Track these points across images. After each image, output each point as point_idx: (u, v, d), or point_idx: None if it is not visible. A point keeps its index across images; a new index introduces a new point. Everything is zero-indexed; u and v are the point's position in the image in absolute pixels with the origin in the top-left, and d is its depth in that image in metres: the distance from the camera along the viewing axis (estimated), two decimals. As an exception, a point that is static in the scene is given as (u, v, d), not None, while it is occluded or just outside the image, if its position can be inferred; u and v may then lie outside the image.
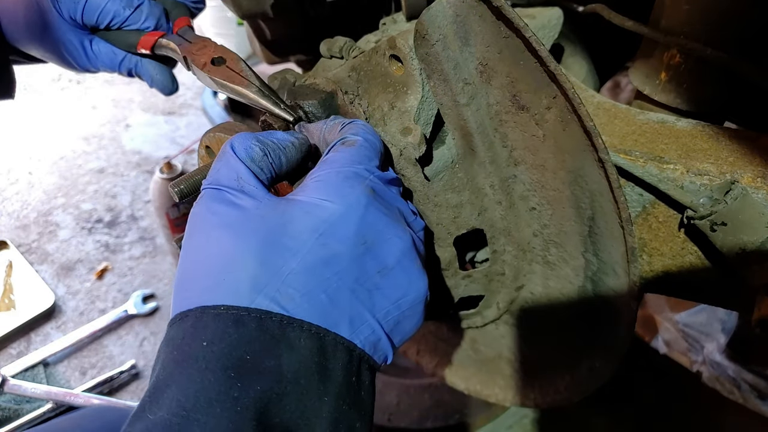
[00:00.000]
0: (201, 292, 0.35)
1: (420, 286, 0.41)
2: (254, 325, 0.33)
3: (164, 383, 0.33)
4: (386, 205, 0.41)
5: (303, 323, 0.35)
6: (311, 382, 0.34)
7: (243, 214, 0.36)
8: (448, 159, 0.57)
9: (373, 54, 0.53)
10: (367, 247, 0.38)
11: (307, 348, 0.34)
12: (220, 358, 0.32)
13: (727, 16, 0.57)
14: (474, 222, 0.59)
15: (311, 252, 0.36)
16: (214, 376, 0.32)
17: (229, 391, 0.31)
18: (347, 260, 0.37)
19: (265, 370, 0.33)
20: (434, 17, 0.47)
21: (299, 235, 0.36)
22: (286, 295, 0.35)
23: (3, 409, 1.35)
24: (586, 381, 0.62)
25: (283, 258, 0.35)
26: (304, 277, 0.35)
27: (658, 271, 0.55)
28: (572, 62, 0.79)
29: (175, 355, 0.34)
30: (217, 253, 0.36)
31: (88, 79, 2.78)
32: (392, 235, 0.40)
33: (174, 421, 0.30)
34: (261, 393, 0.32)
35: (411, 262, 0.41)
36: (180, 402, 0.31)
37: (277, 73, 0.60)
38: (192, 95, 2.71)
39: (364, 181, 0.40)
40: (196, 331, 0.34)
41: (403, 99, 0.52)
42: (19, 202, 2.07)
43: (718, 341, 1.39)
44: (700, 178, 0.49)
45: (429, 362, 0.84)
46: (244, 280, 0.34)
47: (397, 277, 0.40)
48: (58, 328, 1.66)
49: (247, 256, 0.35)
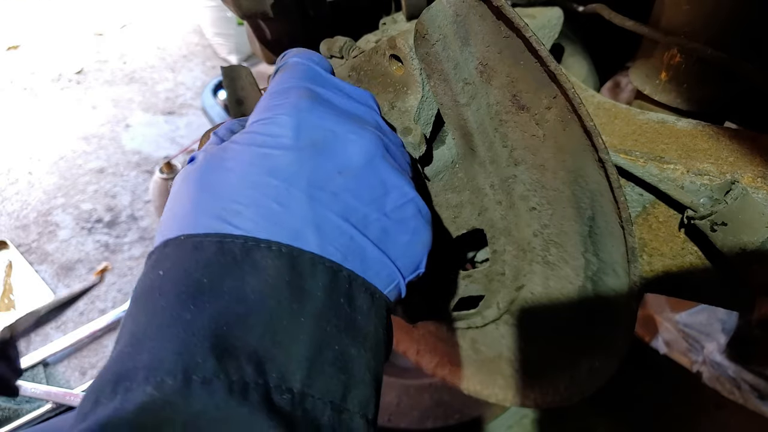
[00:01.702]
0: (163, 231, 0.34)
1: (406, 190, 0.37)
2: (214, 249, 0.31)
3: (123, 323, 0.32)
4: (334, 107, 0.37)
5: (271, 243, 0.31)
6: (281, 303, 0.30)
7: (195, 162, 0.36)
8: (448, 159, 0.57)
9: (373, 54, 0.53)
10: (317, 149, 0.34)
11: (274, 267, 0.31)
12: (176, 283, 0.30)
13: (728, 16, 0.57)
14: (474, 222, 0.59)
15: (252, 164, 0.33)
16: (167, 302, 0.30)
17: (181, 315, 0.29)
18: (296, 165, 0.33)
19: (224, 292, 0.30)
20: (434, 17, 0.47)
21: (238, 155, 0.34)
22: (232, 211, 0.32)
23: (3, 409, 1.35)
24: (586, 381, 0.62)
25: (224, 177, 0.33)
26: (249, 189, 0.32)
27: (659, 271, 0.55)
28: (572, 62, 0.79)
29: (137, 292, 0.32)
30: (171, 198, 0.35)
31: (88, 79, 2.78)
32: (347, 132, 0.35)
33: (125, 351, 0.29)
34: (217, 315, 0.29)
35: (384, 163, 0.36)
36: (132, 332, 0.30)
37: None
38: (192, 95, 2.72)
39: (298, 90, 0.37)
40: (156, 263, 0.32)
41: (403, 99, 0.52)
42: (18, 202, 2.07)
43: (718, 341, 1.40)
44: (701, 178, 0.49)
45: (429, 362, 0.84)
46: (188, 207, 0.33)
47: (368, 177, 0.35)
48: (58, 328, 1.66)
49: (190, 187, 0.34)
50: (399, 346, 0.89)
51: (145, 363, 0.27)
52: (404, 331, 0.88)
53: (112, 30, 3.27)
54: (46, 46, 3.05)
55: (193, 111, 2.61)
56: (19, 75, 2.78)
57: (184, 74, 2.89)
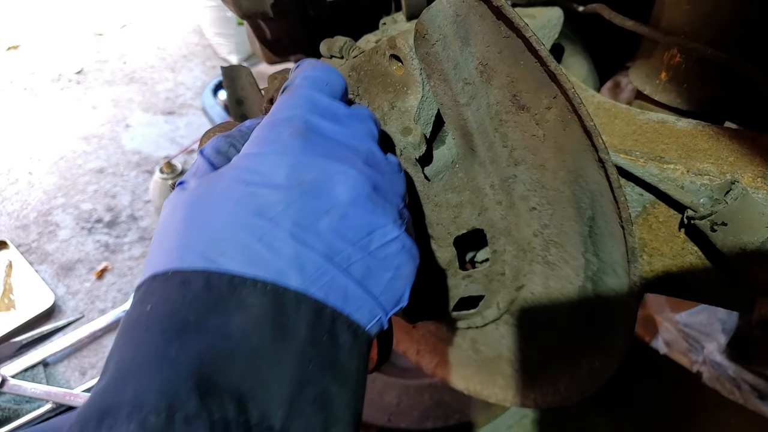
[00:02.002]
0: (151, 263, 0.35)
1: (390, 229, 0.37)
2: (200, 285, 0.31)
3: (110, 354, 0.32)
4: (329, 142, 0.37)
5: (256, 281, 0.32)
6: (264, 342, 0.31)
7: (182, 193, 0.37)
8: (448, 159, 0.57)
9: (373, 54, 0.53)
10: (304, 189, 0.34)
11: (259, 305, 0.31)
12: (161, 319, 0.31)
13: (728, 16, 0.57)
14: (474, 222, 0.59)
15: (239, 203, 0.33)
16: (153, 337, 0.30)
17: (167, 351, 0.29)
18: (282, 205, 0.33)
19: (209, 330, 0.30)
20: (434, 17, 0.47)
21: (226, 192, 0.34)
22: (218, 251, 0.32)
23: (3, 409, 1.35)
24: (586, 381, 0.62)
25: (211, 214, 0.34)
26: (234, 229, 0.33)
27: (659, 271, 0.55)
28: (572, 62, 0.79)
29: (124, 324, 0.33)
30: (160, 227, 0.36)
31: (88, 79, 2.78)
32: (335, 172, 0.35)
33: (110, 386, 0.29)
34: (202, 352, 0.29)
35: (370, 202, 0.36)
36: (118, 366, 0.30)
37: (277, 73, 0.60)
38: (192, 95, 2.71)
39: (295, 123, 0.37)
40: (144, 297, 0.33)
41: (403, 99, 0.52)
42: (19, 202, 2.07)
43: (718, 341, 1.40)
44: (701, 178, 0.49)
45: (429, 362, 0.84)
46: (176, 242, 0.34)
47: (354, 217, 0.35)
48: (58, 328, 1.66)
49: (179, 219, 0.35)
50: (399, 346, 0.89)
51: (129, 399, 0.28)
52: (404, 331, 0.88)
53: (112, 30, 3.27)
54: (46, 46, 3.05)
55: (193, 111, 2.61)
56: (19, 75, 2.78)
57: (184, 74, 2.89)
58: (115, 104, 2.62)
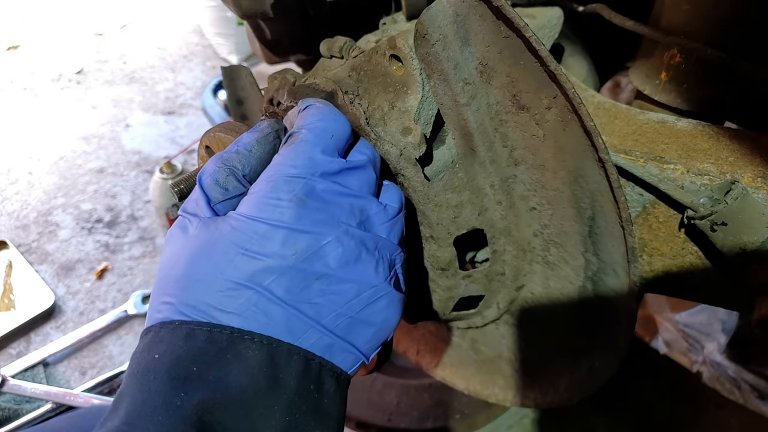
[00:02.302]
0: (157, 307, 0.39)
1: (378, 289, 0.40)
2: (204, 338, 0.36)
3: (120, 395, 0.36)
4: (326, 206, 0.39)
5: (253, 335, 0.36)
6: (258, 392, 0.35)
7: (184, 237, 0.39)
8: (448, 159, 0.57)
9: (373, 54, 0.53)
10: (298, 258, 0.37)
11: (255, 358, 0.36)
12: (169, 369, 0.35)
13: (728, 16, 0.57)
14: (474, 222, 0.59)
15: (238, 268, 0.37)
16: (161, 386, 0.34)
17: (173, 400, 0.33)
18: (276, 273, 0.37)
19: (210, 381, 0.34)
20: (434, 17, 0.47)
21: (225, 252, 0.37)
22: (218, 309, 0.36)
23: (3, 409, 1.35)
24: (586, 381, 0.62)
25: (212, 273, 0.37)
26: (234, 292, 0.36)
27: (659, 271, 0.55)
28: (572, 62, 0.79)
29: (133, 368, 0.37)
30: (161, 275, 0.40)
31: (88, 79, 2.78)
32: (328, 239, 0.38)
33: (122, 429, 0.33)
34: (203, 402, 0.33)
35: (359, 266, 0.39)
36: (128, 411, 0.34)
37: (277, 73, 0.60)
38: (192, 95, 2.71)
39: (294, 188, 0.38)
40: (152, 344, 0.37)
41: (403, 99, 0.52)
42: (19, 202, 2.07)
43: (718, 341, 1.40)
44: (701, 178, 0.49)
45: (429, 362, 0.84)
46: (182, 295, 0.37)
47: (342, 282, 0.39)
48: (57, 328, 1.66)
49: (182, 270, 0.38)
50: (399, 346, 0.89)
51: None
52: (404, 331, 0.88)
53: (112, 30, 3.27)
54: (46, 46, 3.05)
55: (193, 111, 2.61)
56: (19, 75, 2.78)
57: (184, 74, 2.89)
58: (115, 104, 2.62)
